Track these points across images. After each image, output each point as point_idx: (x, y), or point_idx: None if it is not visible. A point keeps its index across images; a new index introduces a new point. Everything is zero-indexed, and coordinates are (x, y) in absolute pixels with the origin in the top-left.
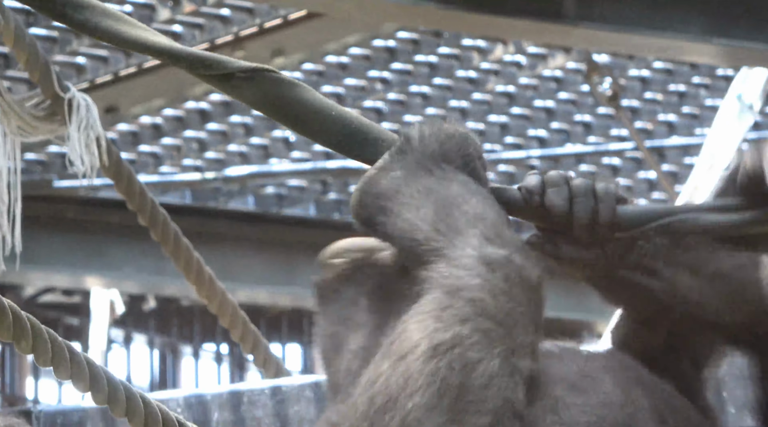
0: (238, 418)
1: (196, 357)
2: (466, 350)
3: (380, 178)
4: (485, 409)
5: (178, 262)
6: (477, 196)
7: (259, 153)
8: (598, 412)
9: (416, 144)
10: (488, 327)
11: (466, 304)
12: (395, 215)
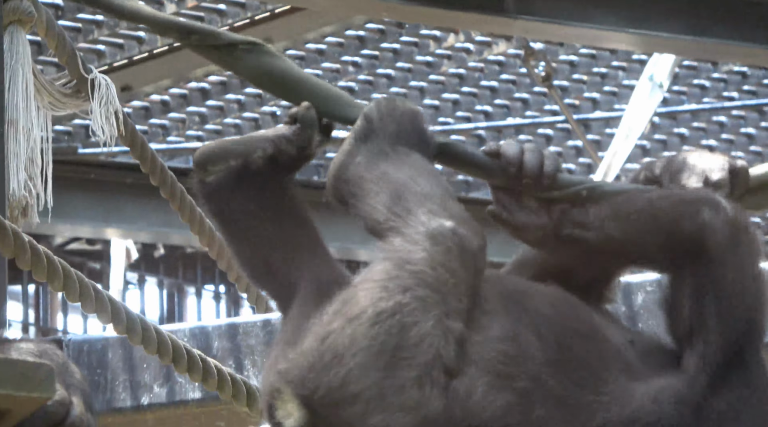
0: (235, 346)
1: (198, 296)
2: (404, 316)
3: (347, 163)
4: (415, 363)
5: (184, 215)
6: (425, 176)
7: (250, 125)
8: (495, 346)
9: (376, 124)
10: (425, 295)
11: (409, 275)
12: (360, 198)
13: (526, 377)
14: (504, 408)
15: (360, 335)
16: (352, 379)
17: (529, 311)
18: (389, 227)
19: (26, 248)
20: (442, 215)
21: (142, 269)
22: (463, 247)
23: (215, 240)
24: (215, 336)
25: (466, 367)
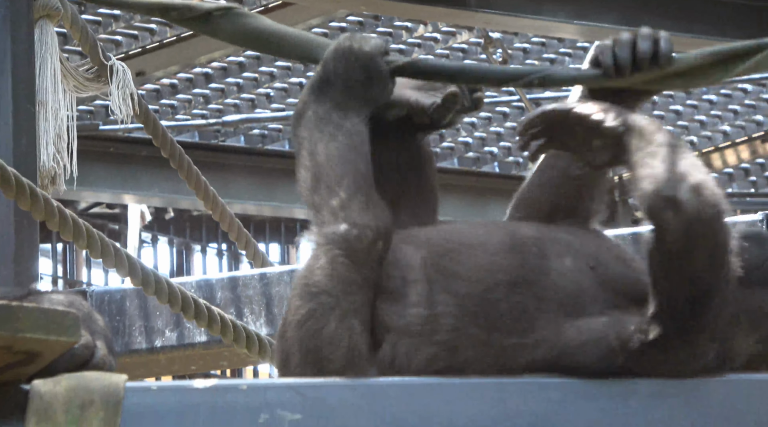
0: (235, 296)
1: (203, 253)
2: (314, 322)
3: (301, 114)
4: (335, 358)
5: (191, 183)
6: (345, 160)
7: (247, 104)
8: (409, 311)
9: (331, 75)
10: (326, 301)
11: (314, 284)
12: (298, 162)
13: (444, 330)
14: (427, 360)
15: (292, 338)
16: (296, 371)
17: (450, 272)
18: (309, 213)
19: (55, 211)
20: (340, 217)
21: (155, 229)
22: (353, 250)
23: (218, 204)
24: (218, 288)
25: (387, 335)
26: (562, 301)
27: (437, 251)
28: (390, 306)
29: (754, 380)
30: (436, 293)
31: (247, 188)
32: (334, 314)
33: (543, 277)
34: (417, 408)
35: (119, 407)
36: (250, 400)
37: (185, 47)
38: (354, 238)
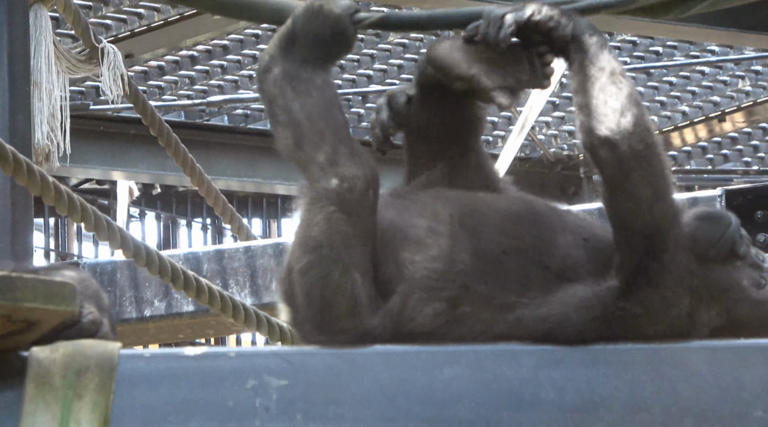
0: (221, 268)
1: (189, 227)
2: (318, 272)
3: (268, 69)
4: (338, 304)
5: (178, 160)
6: (322, 114)
7: (231, 86)
8: (428, 264)
9: (298, 32)
10: (328, 254)
11: (312, 238)
12: (273, 122)
13: (454, 286)
14: (433, 314)
15: (297, 283)
16: (300, 309)
17: (471, 230)
18: (297, 168)
19: (51, 187)
20: (329, 172)
21: (143, 204)
22: (346, 203)
23: (204, 181)
24: (205, 260)
25: (400, 286)
26: (563, 271)
27: (464, 210)
28: (412, 256)
29: (716, 347)
30: (457, 251)
31: (231, 165)
32: (336, 266)
33: (550, 247)
34: (399, 375)
35: (114, 372)
36: (239, 366)
37: (172, 31)
38: (346, 191)
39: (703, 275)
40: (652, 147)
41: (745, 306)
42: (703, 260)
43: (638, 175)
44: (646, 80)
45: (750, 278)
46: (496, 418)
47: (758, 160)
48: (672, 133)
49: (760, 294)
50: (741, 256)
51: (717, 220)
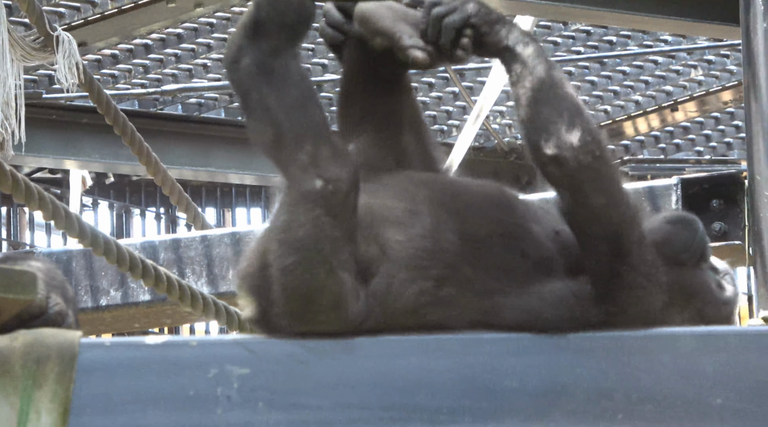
0: (177, 257)
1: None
2: (303, 272)
3: (237, 60)
4: (323, 301)
5: (134, 149)
6: (302, 111)
7: (185, 74)
8: (415, 243)
9: (264, 17)
10: (312, 255)
11: (296, 240)
12: (247, 116)
13: (440, 266)
14: (418, 293)
15: (277, 279)
16: (278, 305)
17: (454, 212)
18: (275, 165)
19: (8, 175)
20: (312, 173)
21: (96, 193)
22: (332, 205)
23: (160, 170)
24: (161, 249)
25: (384, 266)
26: (539, 261)
27: (442, 192)
28: (394, 236)
29: (677, 335)
30: (442, 230)
31: (185, 154)
32: (323, 267)
33: (528, 236)
34: (361, 363)
35: (74, 361)
36: (200, 355)
37: (126, 19)
38: (330, 194)
39: (677, 279)
40: (601, 157)
41: (712, 308)
42: (676, 263)
43: (590, 186)
44: (599, 70)
45: (714, 280)
46: (459, 406)
47: (710, 150)
48: (625, 123)
49: (724, 295)
50: (707, 258)
51: (688, 224)
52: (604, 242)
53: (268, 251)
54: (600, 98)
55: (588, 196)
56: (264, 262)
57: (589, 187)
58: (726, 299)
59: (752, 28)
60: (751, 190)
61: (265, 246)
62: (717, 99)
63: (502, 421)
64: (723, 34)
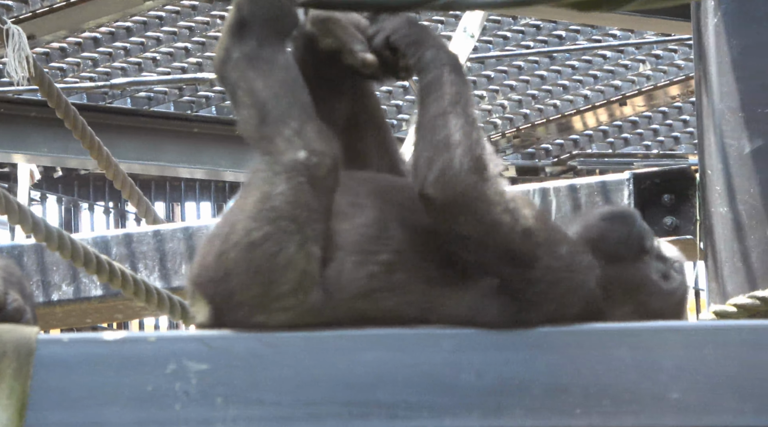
0: (130, 252)
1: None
2: (271, 245)
3: (226, 60)
4: (287, 280)
5: (85, 143)
6: (287, 92)
7: (134, 68)
8: (360, 230)
9: (247, 16)
10: (286, 225)
11: (272, 209)
12: (236, 107)
13: (387, 251)
14: (368, 277)
15: (240, 259)
16: (237, 291)
17: (397, 205)
18: (258, 147)
19: None
20: (297, 144)
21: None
22: (315, 177)
23: (111, 164)
24: (114, 244)
25: (337, 253)
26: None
27: (386, 187)
28: (341, 225)
29: (634, 330)
30: (386, 219)
31: (134, 148)
32: (294, 239)
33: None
34: (320, 358)
35: (31, 358)
36: (158, 351)
37: (74, 12)
38: (314, 165)
39: (617, 274)
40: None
41: (657, 299)
42: (614, 259)
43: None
44: (549, 64)
45: (658, 271)
46: (417, 401)
47: (658, 144)
48: (574, 117)
49: (668, 285)
50: (648, 250)
51: (623, 218)
52: (503, 265)
53: (230, 235)
54: (549, 93)
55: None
56: (221, 249)
57: (459, 219)
58: (670, 290)
59: (703, 24)
60: (703, 184)
61: (225, 235)
62: (665, 93)
63: (460, 416)
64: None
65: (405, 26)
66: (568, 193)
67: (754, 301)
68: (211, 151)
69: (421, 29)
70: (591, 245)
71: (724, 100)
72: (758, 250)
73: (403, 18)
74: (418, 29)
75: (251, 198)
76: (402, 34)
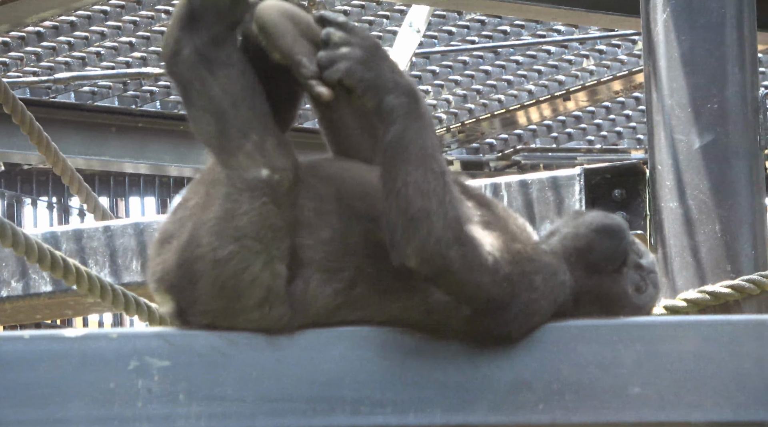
0: (80, 248)
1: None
2: (237, 264)
3: (175, 53)
4: (252, 296)
5: (32, 138)
6: (247, 100)
7: (78, 62)
8: (325, 248)
9: (197, 8)
10: (251, 245)
11: (236, 228)
12: (188, 108)
13: (350, 267)
14: (333, 293)
15: (205, 273)
16: (201, 302)
17: (358, 212)
18: (218, 159)
19: None
20: (259, 161)
21: None
22: (278, 194)
23: (59, 159)
24: (64, 240)
25: (302, 270)
26: None
27: (346, 187)
28: (305, 240)
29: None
30: (349, 231)
31: (78, 143)
32: (260, 258)
33: None
34: (283, 355)
35: None
36: (120, 348)
37: (17, 6)
38: (277, 183)
39: (595, 286)
40: (465, 262)
41: (628, 312)
42: (595, 270)
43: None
44: (493, 59)
45: (633, 283)
46: (381, 397)
47: (601, 139)
48: (518, 112)
49: (641, 299)
50: (627, 263)
51: (613, 233)
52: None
53: (192, 245)
54: (494, 88)
55: (440, 285)
56: (184, 258)
57: (440, 282)
58: (640, 305)
59: (652, 19)
60: (653, 180)
61: (186, 241)
62: (608, 89)
63: (424, 412)
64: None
65: (360, 67)
66: (519, 189)
67: (704, 296)
68: (155, 146)
69: (377, 67)
70: (576, 253)
71: (674, 96)
72: (708, 245)
73: (356, 51)
74: (374, 69)
75: (213, 212)
76: (357, 77)
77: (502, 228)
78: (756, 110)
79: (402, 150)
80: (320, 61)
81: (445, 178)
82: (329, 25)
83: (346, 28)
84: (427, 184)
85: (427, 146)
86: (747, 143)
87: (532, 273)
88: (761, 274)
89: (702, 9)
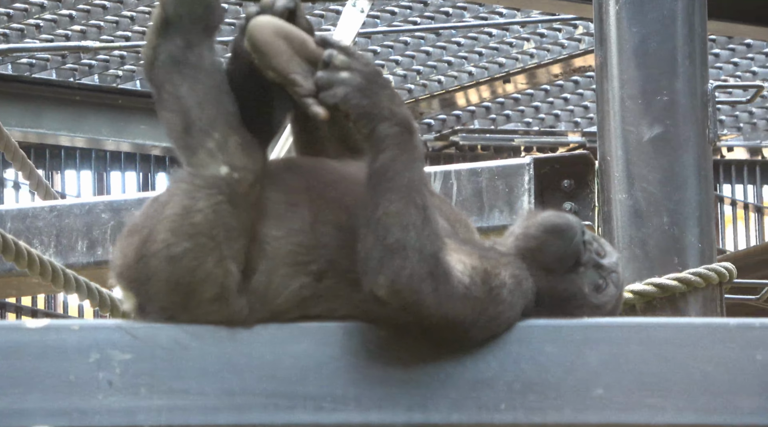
0: (25, 227)
1: None
2: (190, 260)
3: (152, 59)
4: (206, 291)
5: None
6: (213, 100)
7: (17, 34)
8: (294, 239)
9: (171, 16)
10: (205, 242)
11: (191, 225)
12: (161, 109)
13: (319, 261)
14: (299, 288)
15: (160, 269)
16: (158, 297)
17: (332, 202)
18: (181, 156)
19: None
20: (219, 159)
21: None
22: (235, 194)
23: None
24: (8, 219)
25: (264, 262)
26: None
27: (321, 180)
28: (272, 232)
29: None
30: (320, 223)
31: (14, 115)
32: (213, 255)
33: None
34: (246, 350)
35: None
36: (81, 340)
37: None
38: (235, 182)
39: (549, 285)
40: (437, 298)
41: (585, 312)
42: (549, 270)
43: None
44: (435, 40)
45: (591, 283)
46: (342, 394)
47: (539, 121)
48: (457, 93)
49: (599, 299)
50: (584, 262)
51: (563, 233)
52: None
53: (149, 241)
54: (434, 68)
55: (418, 319)
56: (141, 254)
57: (417, 316)
58: (601, 304)
59: (604, 10)
60: (602, 171)
61: (145, 236)
62: (547, 72)
63: (387, 409)
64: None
65: (358, 94)
66: (469, 177)
67: (651, 287)
68: (92, 119)
69: (375, 95)
70: (529, 254)
71: (624, 87)
72: (655, 237)
73: (356, 78)
74: (372, 96)
75: (172, 209)
76: (354, 104)
77: (472, 244)
78: (705, 103)
79: (388, 179)
80: (319, 82)
81: (426, 213)
82: (332, 48)
83: (348, 53)
84: (408, 216)
85: (414, 178)
86: (696, 136)
87: (498, 287)
88: (708, 267)
89: (653, 1)
